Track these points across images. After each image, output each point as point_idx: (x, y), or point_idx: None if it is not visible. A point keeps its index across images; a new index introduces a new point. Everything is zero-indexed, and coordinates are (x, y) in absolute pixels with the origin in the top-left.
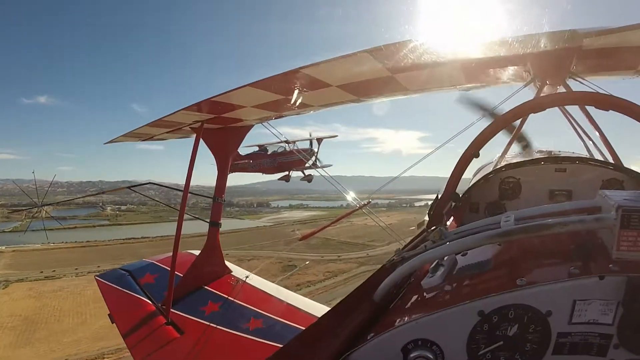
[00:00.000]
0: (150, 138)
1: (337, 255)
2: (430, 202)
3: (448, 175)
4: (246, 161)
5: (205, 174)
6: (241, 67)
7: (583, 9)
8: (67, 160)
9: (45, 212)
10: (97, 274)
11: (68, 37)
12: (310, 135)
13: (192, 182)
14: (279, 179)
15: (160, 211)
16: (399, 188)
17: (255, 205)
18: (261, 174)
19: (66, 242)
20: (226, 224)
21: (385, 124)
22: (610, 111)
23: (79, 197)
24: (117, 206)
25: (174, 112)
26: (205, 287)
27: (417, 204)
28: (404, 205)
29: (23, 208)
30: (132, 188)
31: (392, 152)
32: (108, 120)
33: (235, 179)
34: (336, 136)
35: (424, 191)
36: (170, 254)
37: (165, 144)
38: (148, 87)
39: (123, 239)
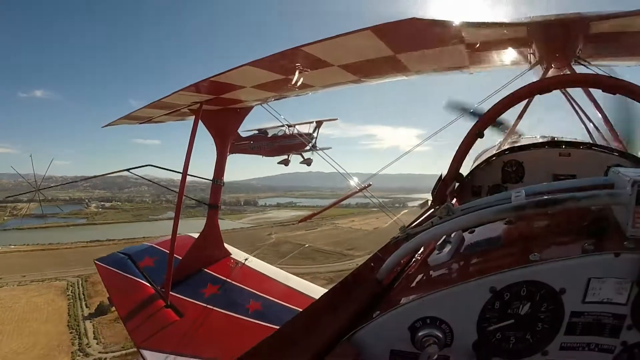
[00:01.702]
0: (149, 121)
1: (305, 267)
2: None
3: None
4: (246, 142)
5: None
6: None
7: None
8: (63, 155)
9: (45, 198)
10: (96, 258)
11: (64, 31)
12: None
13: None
14: (278, 163)
15: (143, 209)
16: (394, 186)
17: (242, 204)
18: (262, 157)
19: (27, 245)
20: (200, 226)
21: (383, 120)
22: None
23: (79, 181)
24: (102, 203)
25: (172, 93)
26: (205, 269)
27: (410, 204)
28: (397, 205)
29: (21, 193)
30: (131, 170)
31: (390, 149)
32: (105, 115)
33: (231, 175)
34: (336, 119)
35: (419, 189)
36: (170, 236)
37: (162, 137)
38: (145, 82)
39: (86, 242)
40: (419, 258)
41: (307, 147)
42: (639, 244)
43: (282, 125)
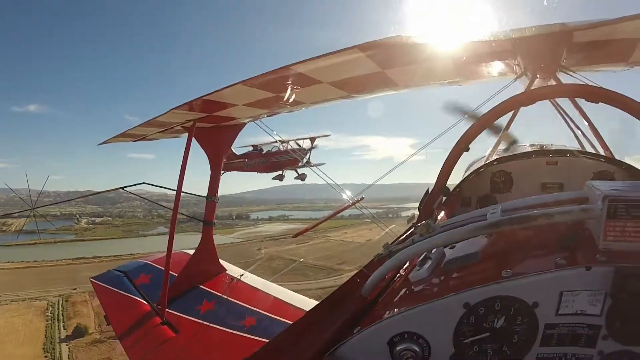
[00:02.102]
0: (143, 138)
1: (294, 284)
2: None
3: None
4: (241, 160)
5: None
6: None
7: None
8: (57, 169)
9: (39, 214)
10: (92, 276)
11: (58, 44)
12: (307, 137)
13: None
14: (272, 178)
15: (134, 224)
16: (388, 196)
17: (233, 217)
18: (256, 173)
19: (12, 262)
20: (189, 241)
21: (376, 131)
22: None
23: (73, 199)
24: (92, 218)
25: (166, 112)
26: (200, 286)
27: (404, 213)
28: (390, 215)
29: (16, 212)
30: (125, 189)
31: (384, 159)
32: (99, 130)
33: (224, 189)
34: (328, 135)
35: (413, 198)
36: (165, 253)
37: (156, 152)
38: (140, 96)
39: (72, 259)
40: (403, 273)
41: (301, 163)
42: (611, 256)
43: (276, 142)
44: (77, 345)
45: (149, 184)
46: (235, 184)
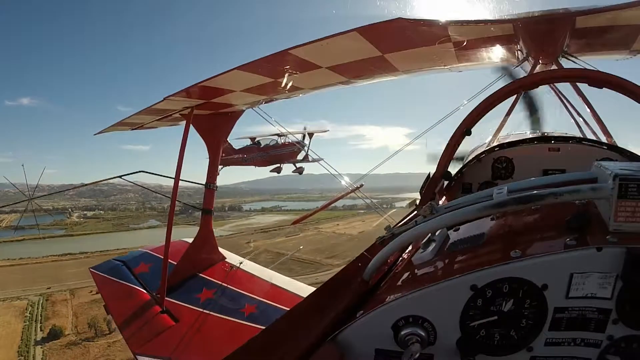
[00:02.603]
0: (141, 127)
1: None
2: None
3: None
4: (240, 155)
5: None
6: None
7: None
8: (52, 162)
9: (36, 208)
10: (91, 266)
11: (49, 37)
12: (305, 129)
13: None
14: (270, 171)
15: (125, 217)
16: (382, 186)
17: (226, 209)
18: (254, 167)
19: None
20: (180, 234)
21: (372, 120)
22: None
23: (70, 189)
24: (84, 212)
25: (163, 99)
26: (200, 274)
27: (398, 204)
28: (384, 206)
29: (14, 203)
30: (123, 177)
31: (380, 149)
32: (93, 122)
33: (220, 180)
34: (327, 131)
35: (407, 189)
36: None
37: (152, 143)
38: (134, 87)
39: (58, 256)
40: (406, 257)
41: (299, 157)
42: (622, 237)
43: (274, 135)
44: (51, 348)
45: (147, 172)
46: (231, 175)
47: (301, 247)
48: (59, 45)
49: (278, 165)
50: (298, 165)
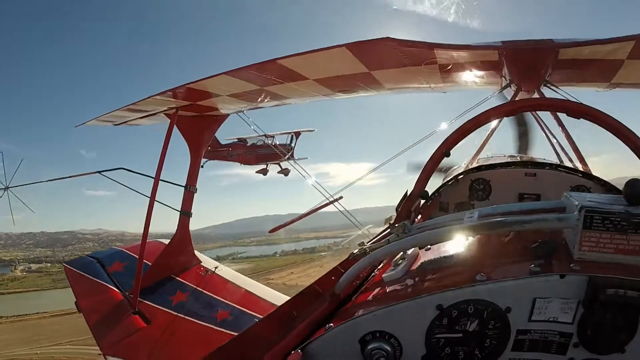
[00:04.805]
0: (124, 122)
1: None
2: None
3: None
4: (225, 149)
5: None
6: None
7: (561, 19)
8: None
9: (14, 194)
10: (66, 260)
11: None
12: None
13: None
14: (256, 172)
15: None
16: (346, 222)
17: None
18: (239, 164)
19: None
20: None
21: (335, 158)
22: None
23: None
24: (30, 265)
25: (148, 97)
26: (174, 276)
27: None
28: (347, 247)
29: None
30: (102, 173)
31: (344, 185)
32: (54, 167)
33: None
34: (314, 130)
35: (374, 223)
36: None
37: (117, 190)
38: (96, 132)
39: None
40: (377, 273)
41: (285, 157)
42: (585, 266)
43: (262, 135)
44: None
45: (128, 170)
46: (196, 220)
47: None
48: (18, 87)
49: (264, 166)
50: (283, 166)
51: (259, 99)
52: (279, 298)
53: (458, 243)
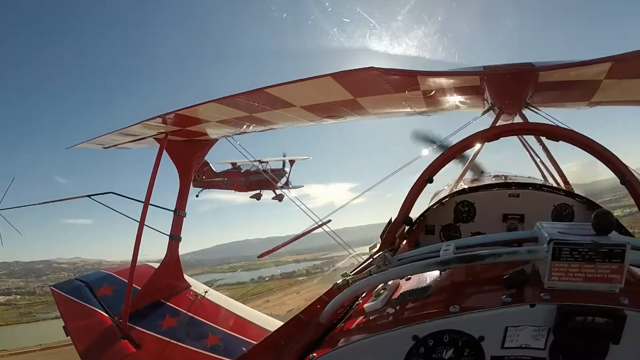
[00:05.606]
0: (114, 146)
1: None
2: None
3: (385, 219)
4: (220, 179)
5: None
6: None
7: (540, 42)
8: None
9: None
10: (53, 284)
11: None
12: (284, 156)
13: None
14: (250, 197)
15: (40, 303)
16: (330, 244)
17: None
18: (234, 191)
19: None
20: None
21: (315, 179)
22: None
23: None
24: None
25: (137, 123)
26: (164, 301)
27: (341, 264)
28: (326, 269)
29: None
30: (92, 197)
31: (325, 206)
32: (29, 194)
33: (159, 253)
34: (308, 158)
35: (357, 243)
36: (129, 265)
37: (94, 217)
38: (71, 158)
39: None
40: (361, 302)
41: (280, 184)
42: (555, 295)
43: (255, 161)
44: None
45: (117, 194)
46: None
47: None
48: None
49: (258, 191)
50: (277, 192)
51: (248, 125)
52: (269, 322)
53: (436, 273)
